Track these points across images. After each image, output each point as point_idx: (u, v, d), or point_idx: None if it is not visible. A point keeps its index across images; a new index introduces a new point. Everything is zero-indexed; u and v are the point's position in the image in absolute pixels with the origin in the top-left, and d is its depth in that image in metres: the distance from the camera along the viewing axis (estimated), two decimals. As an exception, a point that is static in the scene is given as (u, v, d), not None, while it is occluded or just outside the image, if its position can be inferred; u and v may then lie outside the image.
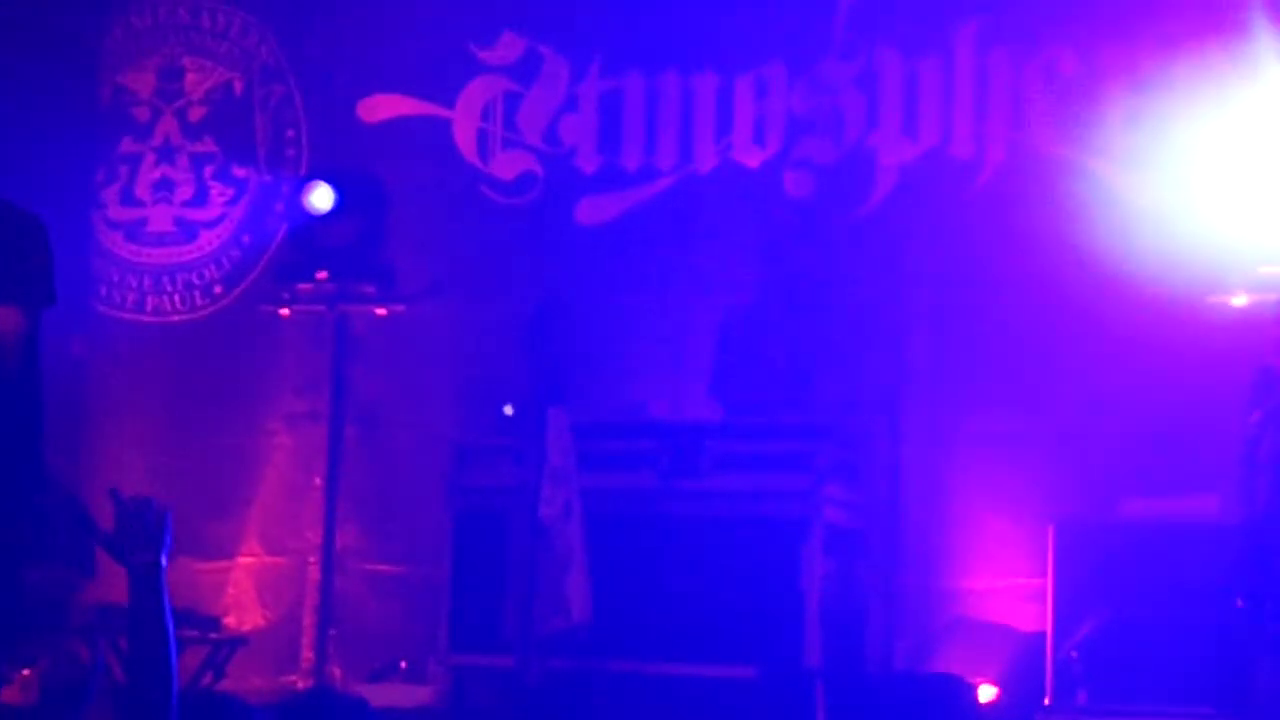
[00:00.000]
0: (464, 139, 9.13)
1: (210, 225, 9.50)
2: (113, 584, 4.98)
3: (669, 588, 7.70)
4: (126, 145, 9.54)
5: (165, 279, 9.53)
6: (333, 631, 8.50)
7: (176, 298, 9.53)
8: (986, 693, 7.64)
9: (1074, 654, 7.47)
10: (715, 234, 8.72)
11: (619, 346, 8.71)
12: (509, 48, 9.09)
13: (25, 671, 7.45)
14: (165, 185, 9.53)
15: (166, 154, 9.52)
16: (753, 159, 8.76)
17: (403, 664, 8.19)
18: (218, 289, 9.47)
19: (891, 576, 8.20)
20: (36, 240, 5.67)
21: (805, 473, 7.78)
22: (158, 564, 4.29)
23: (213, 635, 8.33)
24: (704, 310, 8.62)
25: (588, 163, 9.00)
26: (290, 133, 9.45)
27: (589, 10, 8.97)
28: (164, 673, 4.29)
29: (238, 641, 8.39)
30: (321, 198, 8.48)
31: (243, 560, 9.00)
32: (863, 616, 8.09)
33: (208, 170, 9.50)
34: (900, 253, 8.49)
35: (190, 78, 9.54)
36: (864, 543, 8.08)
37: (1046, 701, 7.51)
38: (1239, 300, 7.78)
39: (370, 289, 8.56)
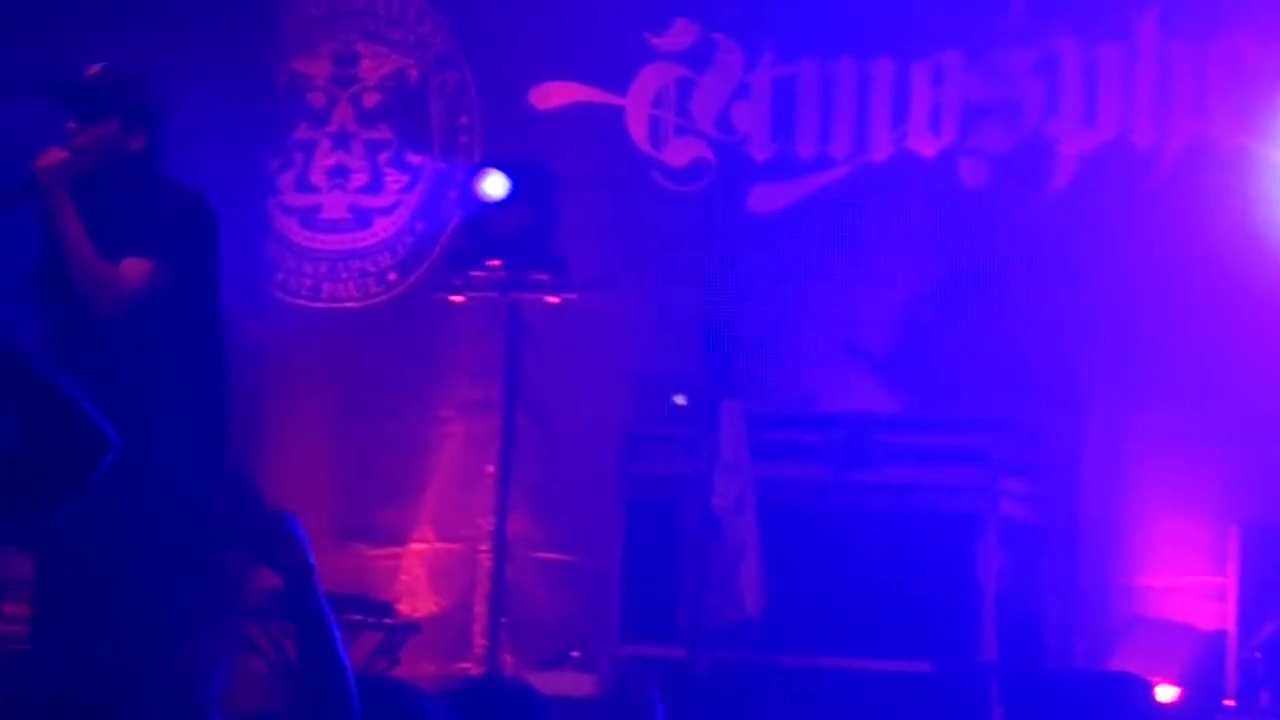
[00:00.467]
0: (636, 126, 9.17)
1: (385, 212, 9.60)
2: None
3: (843, 581, 7.72)
4: (302, 131, 9.63)
5: (340, 266, 9.64)
6: (504, 619, 8.54)
7: (351, 284, 9.63)
8: (1167, 693, 7.61)
9: (1258, 654, 7.43)
10: (890, 223, 8.70)
11: (793, 336, 8.70)
12: (682, 34, 9.12)
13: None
14: (340, 172, 9.64)
15: (342, 140, 9.62)
16: (929, 147, 8.71)
17: (574, 653, 8.21)
18: (392, 276, 9.56)
19: (1070, 572, 8.18)
20: (180, 208, 5.98)
21: (982, 466, 7.80)
22: (310, 565, 4.31)
23: (386, 621, 8.43)
24: (879, 300, 8.64)
25: (761, 150, 9.00)
26: (464, 120, 9.51)
27: None
28: (337, 665, 4.29)
29: (410, 628, 8.48)
30: (495, 185, 8.54)
31: (415, 547, 9.05)
32: (1040, 612, 8.10)
33: (382, 157, 9.59)
34: (1080, 243, 8.41)
35: (365, 64, 9.63)
36: (1041, 538, 8.09)
37: (1229, 703, 7.45)
38: None
39: (543, 277, 8.63)
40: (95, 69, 6.02)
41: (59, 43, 8.67)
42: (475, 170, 8.73)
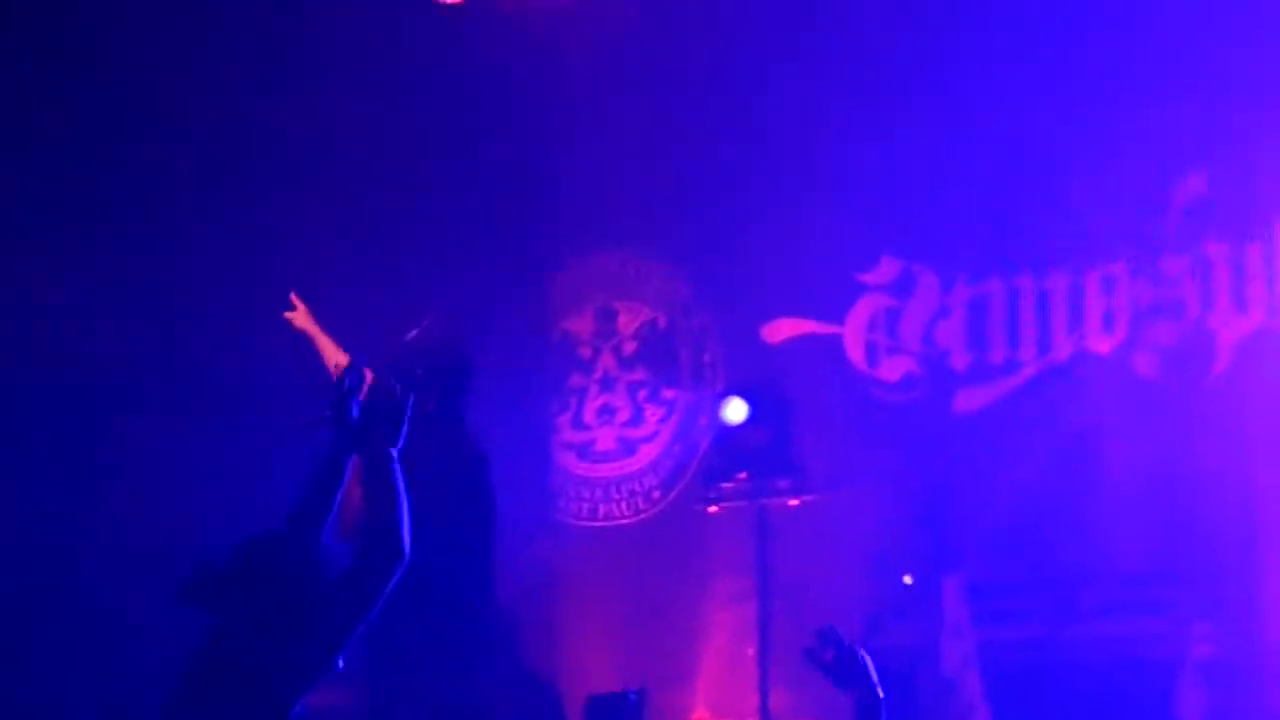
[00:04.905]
0: (854, 350, 9.60)
1: (647, 440, 10.08)
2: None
3: None
4: (574, 380, 10.24)
5: (612, 489, 10.13)
6: None
7: (623, 504, 10.11)
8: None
9: None
10: (1076, 412, 9.05)
11: (1001, 517, 8.99)
12: (887, 269, 9.61)
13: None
14: (607, 410, 10.15)
15: (607, 384, 10.15)
16: (1103, 345, 9.12)
17: None
18: (656, 494, 10.03)
19: (1260, 701, 8.42)
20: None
21: (1173, 613, 8.26)
22: (390, 455, 4.58)
23: None
24: (1071, 479, 8.97)
25: (960, 360, 9.42)
26: (707, 357, 10.00)
27: (953, 230, 9.38)
28: (395, 545, 4.54)
29: None
30: (737, 410, 9.05)
31: None
32: None
33: (641, 394, 10.10)
34: (1243, 415, 8.74)
35: (622, 318, 10.21)
36: (1232, 671, 8.39)
37: None
38: None
39: (784, 483, 9.06)
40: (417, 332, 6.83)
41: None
42: (720, 399, 9.24)
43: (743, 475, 9.14)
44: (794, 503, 9.13)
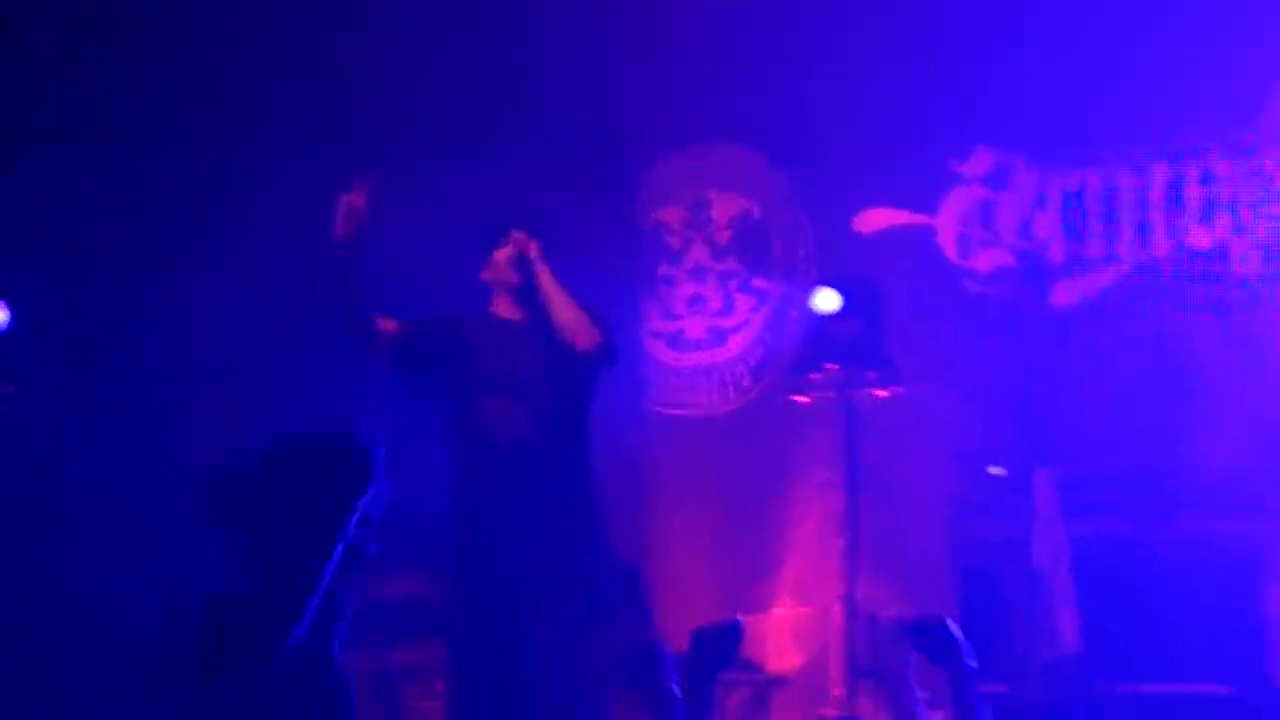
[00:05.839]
0: (947, 242, 9.58)
1: (737, 330, 10.07)
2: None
3: (1148, 619, 8.16)
4: (663, 269, 10.25)
5: (702, 378, 10.12)
6: (859, 673, 8.67)
7: (713, 393, 10.10)
8: None
9: None
10: (1172, 307, 9.04)
11: (1094, 411, 8.99)
12: (982, 160, 9.56)
13: None
14: (698, 300, 10.15)
15: (698, 274, 10.15)
16: (1203, 239, 9.08)
17: (922, 694, 8.40)
18: (746, 383, 10.02)
19: None
20: None
21: (1262, 510, 8.21)
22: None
23: (758, 677, 9.01)
24: (1166, 376, 8.98)
25: (1056, 253, 9.36)
26: (799, 249, 9.99)
27: (1051, 122, 9.31)
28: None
29: (778, 681, 9.00)
30: (828, 301, 8.94)
31: (778, 611, 9.40)
32: None
33: (732, 284, 10.09)
34: None
35: (716, 209, 10.19)
36: None
37: None
38: None
39: (873, 375, 8.96)
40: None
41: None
42: (811, 289, 9.16)
43: (833, 366, 9.08)
44: (883, 394, 9.05)
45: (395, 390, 7.30)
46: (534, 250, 7.06)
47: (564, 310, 6.97)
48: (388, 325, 7.14)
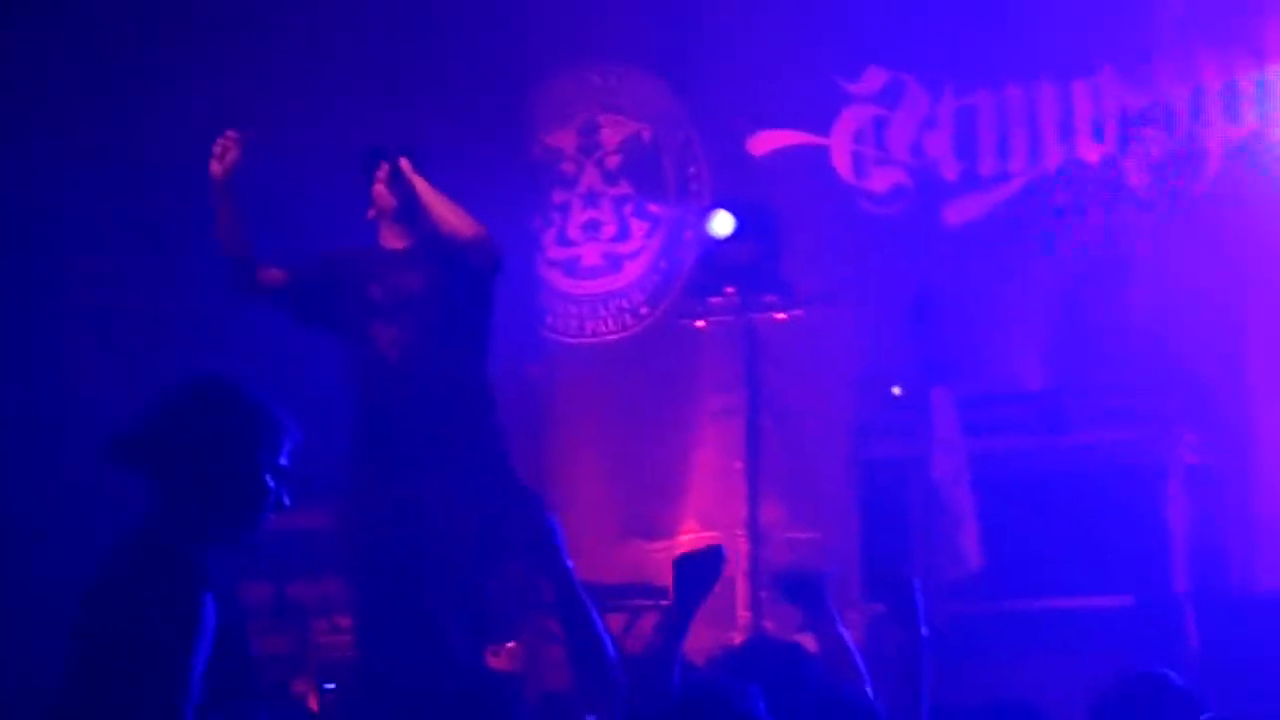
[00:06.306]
0: (841, 161, 9.61)
1: (633, 256, 10.07)
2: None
3: (1049, 534, 8.18)
4: (557, 195, 10.21)
5: (599, 305, 10.13)
6: (762, 593, 8.73)
7: (610, 320, 10.11)
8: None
9: None
10: (1066, 223, 9.10)
11: (990, 328, 9.07)
12: (873, 79, 9.58)
13: (509, 645, 8.20)
14: (593, 226, 10.13)
15: (591, 199, 10.13)
16: (1093, 154, 9.13)
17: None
18: (643, 309, 10.04)
19: (1246, 509, 8.55)
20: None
21: (1161, 421, 8.25)
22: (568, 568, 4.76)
23: (663, 603, 8.37)
24: (1064, 287, 9.05)
25: (949, 170, 9.43)
26: (692, 170, 9.98)
27: (939, 40, 9.33)
28: (599, 641, 4.74)
29: None
30: (723, 224, 8.97)
31: (682, 537, 9.38)
32: (1224, 546, 8.45)
33: (627, 209, 10.08)
34: (1233, 226, 8.80)
35: (605, 132, 10.15)
36: (1219, 481, 8.48)
37: None
38: None
39: (772, 298, 9.01)
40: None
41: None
42: (706, 212, 9.19)
43: (730, 290, 9.11)
44: (782, 317, 9.11)
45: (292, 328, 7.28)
46: (405, 164, 6.98)
47: (444, 210, 6.93)
48: (275, 275, 7.11)
